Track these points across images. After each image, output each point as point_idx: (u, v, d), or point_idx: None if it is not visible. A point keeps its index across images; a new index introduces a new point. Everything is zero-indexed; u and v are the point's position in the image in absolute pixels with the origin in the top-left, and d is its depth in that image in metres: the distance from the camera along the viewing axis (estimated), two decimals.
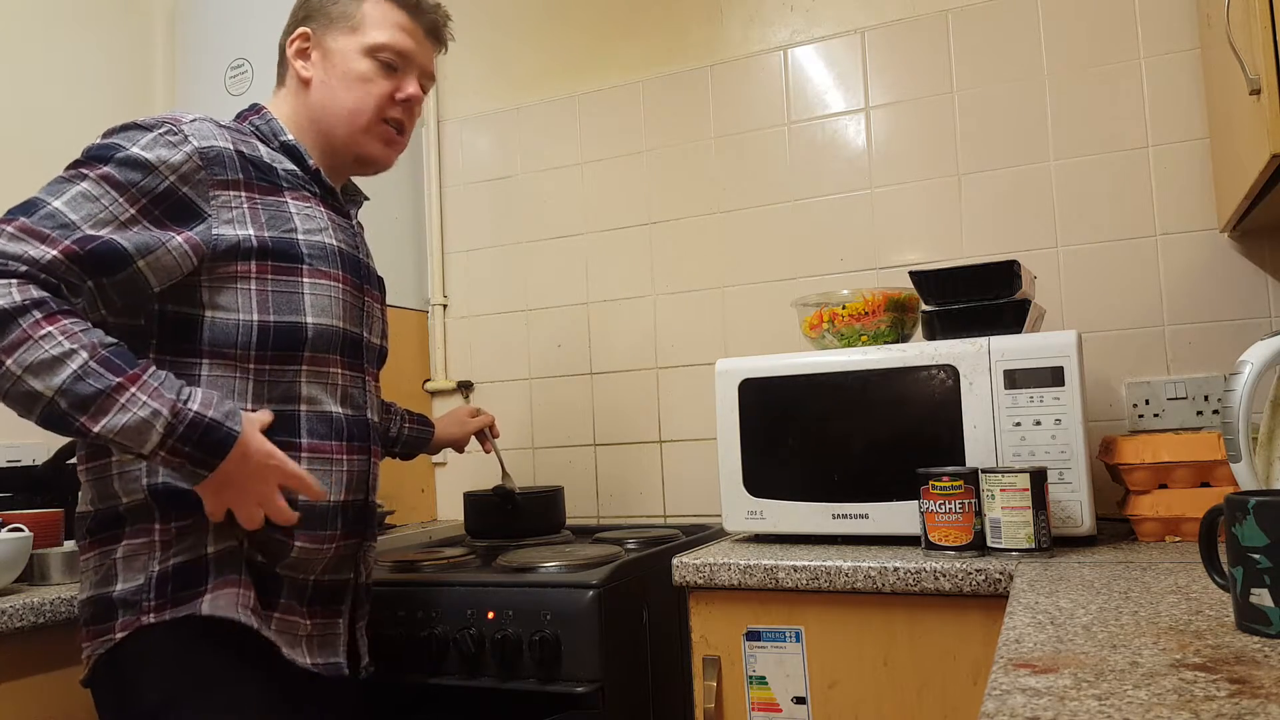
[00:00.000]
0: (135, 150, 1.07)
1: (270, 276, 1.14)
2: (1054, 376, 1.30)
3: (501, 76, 2.27)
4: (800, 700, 1.29)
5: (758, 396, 1.49)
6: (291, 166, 1.23)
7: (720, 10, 2.06)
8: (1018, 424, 1.32)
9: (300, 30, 1.28)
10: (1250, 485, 1.04)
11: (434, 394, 2.28)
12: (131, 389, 0.99)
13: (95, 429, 0.98)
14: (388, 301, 1.42)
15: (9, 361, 0.96)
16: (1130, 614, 0.85)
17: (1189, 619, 0.81)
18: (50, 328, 0.97)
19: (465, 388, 2.25)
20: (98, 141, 1.10)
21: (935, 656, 1.22)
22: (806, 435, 1.45)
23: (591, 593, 1.36)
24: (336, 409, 1.21)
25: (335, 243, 1.22)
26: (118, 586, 1.08)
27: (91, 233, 1.03)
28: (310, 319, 1.16)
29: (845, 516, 1.41)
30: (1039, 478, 1.23)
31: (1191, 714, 0.56)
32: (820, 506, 1.43)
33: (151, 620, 1.06)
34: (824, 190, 1.93)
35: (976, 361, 1.35)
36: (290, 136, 1.25)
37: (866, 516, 1.40)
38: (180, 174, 1.09)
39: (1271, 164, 1.15)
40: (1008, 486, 1.23)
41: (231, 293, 1.12)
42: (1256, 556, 0.72)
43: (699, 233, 2.04)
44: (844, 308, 1.54)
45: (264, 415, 1.12)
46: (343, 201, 1.31)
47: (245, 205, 1.13)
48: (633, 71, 2.13)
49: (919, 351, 1.39)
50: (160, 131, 1.10)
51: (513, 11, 2.26)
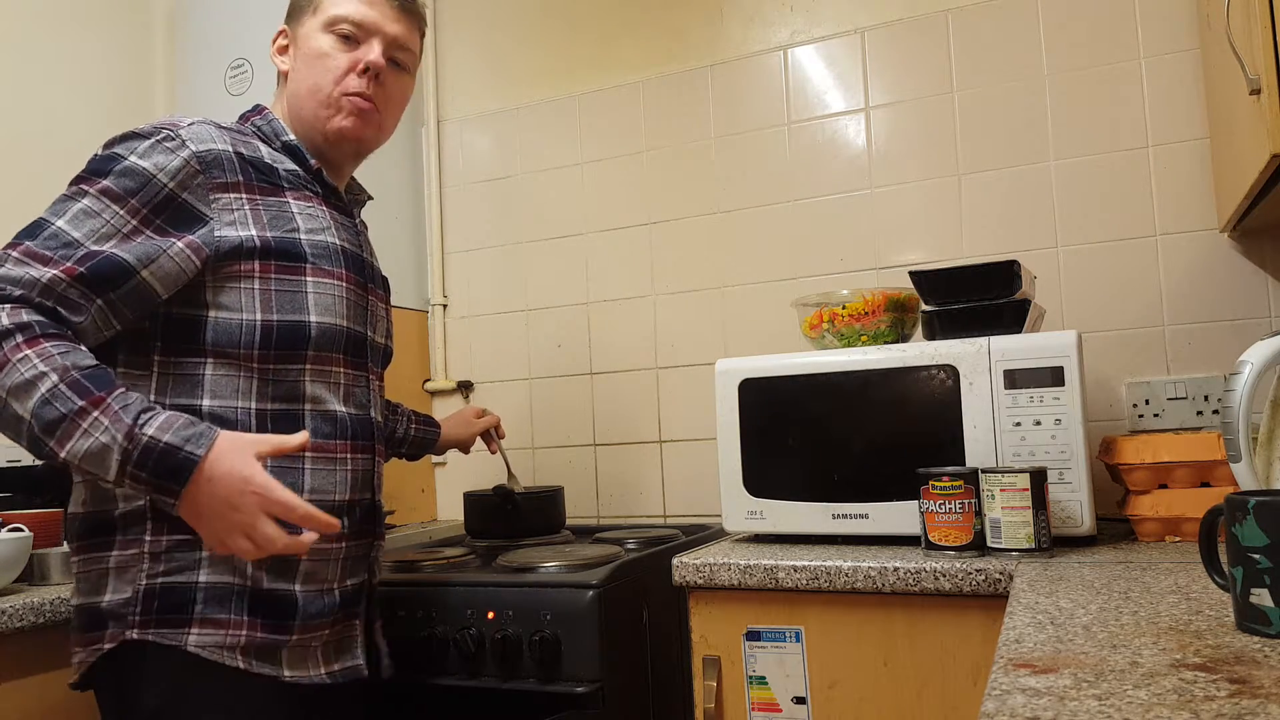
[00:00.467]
0: (133, 160, 1.08)
1: (274, 276, 1.14)
2: (1054, 376, 1.30)
3: (501, 76, 2.27)
4: (800, 700, 1.29)
5: (758, 396, 1.49)
6: (293, 166, 1.23)
7: (720, 10, 2.06)
8: (1018, 424, 1.32)
9: (280, 29, 1.30)
10: (1250, 485, 1.04)
11: (434, 394, 2.28)
12: (95, 413, 0.96)
13: (62, 454, 0.96)
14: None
15: None
16: (1130, 614, 0.85)
17: (1189, 619, 0.81)
18: (28, 350, 0.96)
19: (465, 388, 2.25)
20: (98, 154, 1.10)
21: (935, 656, 1.22)
22: (806, 435, 1.45)
23: (591, 593, 1.36)
24: (340, 408, 1.20)
25: (338, 242, 1.22)
26: (106, 597, 1.07)
27: (94, 248, 1.03)
28: (314, 318, 1.16)
29: (845, 516, 1.41)
30: (1039, 478, 1.23)
31: (1191, 714, 0.56)
32: (820, 506, 1.43)
33: (136, 636, 1.05)
34: (824, 190, 1.93)
35: (976, 361, 1.35)
36: (292, 136, 1.25)
37: (866, 516, 1.40)
38: (179, 180, 1.09)
39: (1271, 164, 1.15)
40: (1008, 486, 1.23)
41: (235, 292, 1.12)
42: (1256, 556, 0.72)
43: (699, 233, 2.04)
44: (844, 308, 1.54)
45: (272, 439, 1.03)
46: (346, 201, 1.31)
47: (246, 206, 1.13)
48: (633, 71, 2.13)
49: (919, 351, 1.39)
50: (157, 138, 1.10)
51: (513, 11, 2.26)
